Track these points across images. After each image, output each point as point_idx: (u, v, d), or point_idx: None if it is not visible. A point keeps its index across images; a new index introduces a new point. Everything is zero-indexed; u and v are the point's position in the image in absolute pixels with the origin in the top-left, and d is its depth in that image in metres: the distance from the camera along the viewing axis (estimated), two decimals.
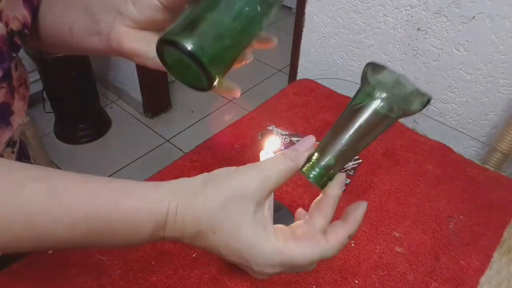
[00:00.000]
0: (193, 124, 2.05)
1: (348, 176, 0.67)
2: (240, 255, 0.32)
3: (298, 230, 0.33)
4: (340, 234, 0.33)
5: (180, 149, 1.92)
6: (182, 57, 0.32)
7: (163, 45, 0.33)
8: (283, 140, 0.72)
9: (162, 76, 2.03)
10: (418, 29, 0.89)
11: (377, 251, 0.56)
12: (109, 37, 0.40)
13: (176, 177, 0.72)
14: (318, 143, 0.35)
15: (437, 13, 0.84)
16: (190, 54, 0.31)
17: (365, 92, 0.33)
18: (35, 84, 1.94)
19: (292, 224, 0.34)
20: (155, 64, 0.38)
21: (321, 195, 0.35)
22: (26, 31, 0.41)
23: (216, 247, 0.32)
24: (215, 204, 0.31)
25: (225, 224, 0.31)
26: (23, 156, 0.56)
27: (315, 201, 0.35)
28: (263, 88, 2.28)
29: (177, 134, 2.00)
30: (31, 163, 0.59)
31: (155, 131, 2.02)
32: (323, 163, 0.34)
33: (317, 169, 0.34)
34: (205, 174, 0.33)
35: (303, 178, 0.66)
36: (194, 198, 0.31)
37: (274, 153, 0.45)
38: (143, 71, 1.93)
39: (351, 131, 0.33)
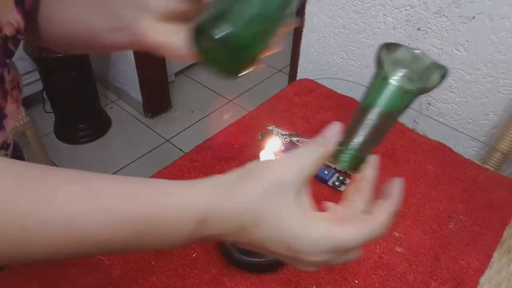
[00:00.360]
0: (193, 124, 2.05)
1: (348, 176, 0.67)
2: (287, 246, 0.31)
3: (340, 214, 0.33)
4: (385, 211, 0.32)
5: (180, 149, 1.92)
6: (215, 44, 0.33)
7: (197, 34, 0.34)
8: (283, 140, 0.72)
9: (162, 76, 2.03)
10: (418, 29, 0.89)
11: (377, 251, 0.56)
12: (133, 32, 0.40)
13: (176, 177, 0.72)
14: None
15: (437, 13, 0.84)
16: (223, 40, 0.32)
17: (381, 76, 0.33)
18: (35, 84, 1.94)
19: (333, 210, 0.34)
20: (179, 55, 0.39)
21: (355, 179, 0.35)
22: (19, 36, 0.41)
23: (259, 241, 0.31)
24: (256, 196, 0.30)
25: (268, 215, 0.30)
26: (17, 158, 0.56)
27: (351, 186, 0.35)
28: (263, 88, 2.28)
29: (177, 134, 2.00)
30: None
31: (155, 131, 2.02)
32: (352, 146, 0.34)
33: (347, 153, 0.35)
34: (238, 170, 0.32)
35: None
36: (233, 192, 0.31)
37: (274, 153, 0.45)
38: (143, 71, 1.93)
39: (376, 113, 0.34)
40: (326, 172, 0.66)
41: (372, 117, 0.34)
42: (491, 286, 0.54)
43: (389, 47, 0.34)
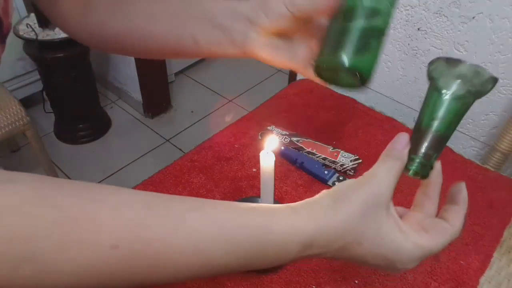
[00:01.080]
0: (193, 124, 2.05)
1: (348, 176, 0.67)
2: (386, 259, 0.35)
3: (419, 221, 0.37)
4: (460, 216, 0.37)
5: (180, 149, 1.92)
6: (341, 72, 0.40)
7: (319, 65, 0.41)
8: (283, 140, 0.72)
9: (162, 76, 2.03)
10: (418, 29, 0.89)
11: None
12: (243, 45, 0.44)
13: (176, 177, 0.72)
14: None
15: (437, 13, 0.84)
16: (350, 70, 0.39)
17: (437, 88, 0.37)
18: (35, 84, 1.94)
19: (409, 217, 0.38)
20: (284, 66, 0.45)
21: (423, 185, 0.39)
22: None
23: (361, 257, 0.35)
24: (355, 217, 0.33)
25: (368, 234, 0.34)
26: None
27: (419, 192, 0.40)
28: (263, 88, 2.28)
29: (177, 134, 2.00)
30: None
31: (155, 131, 2.02)
32: (421, 154, 0.37)
33: (417, 161, 0.37)
34: (327, 192, 0.36)
35: (303, 178, 0.66)
36: (334, 216, 0.34)
37: (274, 152, 0.45)
38: (143, 71, 1.93)
39: (437, 122, 0.37)
40: (326, 172, 0.66)
41: (435, 127, 0.37)
42: (491, 286, 0.54)
43: (438, 60, 0.38)
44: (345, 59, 0.38)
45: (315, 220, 0.34)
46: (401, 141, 0.37)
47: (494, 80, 0.36)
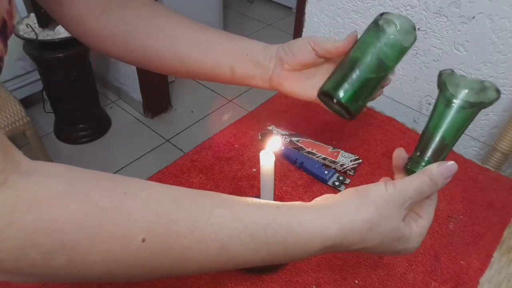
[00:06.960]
0: (193, 124, 2.05)
1: (348, 176, 0.67)
2: (395, 246, 0.39)
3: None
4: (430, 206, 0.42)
5: (180, 149, 1.92)
6: (337, 104, 0.47)
7: (323, 94, 0.49)
8: (283, 140, 0.72)
9: (162, 76, 2.03)
10: (418, 29, 0.89)
11: None
12: (271, 79, 0.52)
13: (176, 177, 0.72)
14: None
15: (437, 13, 0.84)
16: (343, 106, 0.47)
17: (446, 97, 0.39)
18: (35, 84, 1.94)
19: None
20: (305, 98, 0.52)
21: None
22: (1, 64, 0.42)
23: (373, 248, 0.38)
24: (374, 219, 0.36)
25: (383, 232, 0.37)
26: None
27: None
28: None
29: (177, 134, 2.00)
30: None
31: (155, 131, 2.02)
32: (427, 158, 0.41)
33: (423, 164, 0.41)
34: (353, 194, 0.38)
35: (303, 178, 0.66)
36: (357, 222, 0.36)
37: (274, 153, 0.45)
38: (143, 71, 1.92)
39: (445, 127, 0.40)
40: (326, 172, 0.66)
41: (441, 134, 0.40)
42: (491, 286, 0.54)
43: (445, 71, 0.41)
44: (342, 96, 0.45)
45: (339, 224, 0.35)
46: (452, 170, 0.39)
47: (498, 91, 0.38)
